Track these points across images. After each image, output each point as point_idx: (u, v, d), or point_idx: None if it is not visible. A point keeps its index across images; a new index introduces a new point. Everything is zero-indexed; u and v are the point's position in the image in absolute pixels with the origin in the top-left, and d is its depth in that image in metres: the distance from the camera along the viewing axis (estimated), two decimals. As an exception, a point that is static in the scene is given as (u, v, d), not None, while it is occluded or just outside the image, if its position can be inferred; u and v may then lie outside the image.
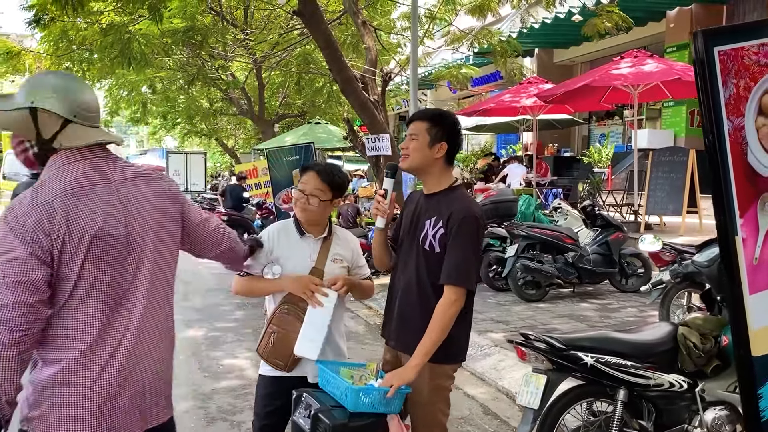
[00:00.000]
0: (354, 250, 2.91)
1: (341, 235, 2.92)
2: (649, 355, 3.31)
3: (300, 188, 2.76)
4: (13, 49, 11.72)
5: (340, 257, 2.82)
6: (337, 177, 2.79)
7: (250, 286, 2.80)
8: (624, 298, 7.94)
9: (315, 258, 2.78)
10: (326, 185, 2.75)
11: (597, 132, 18.55)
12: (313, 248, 2.80)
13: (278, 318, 2.72)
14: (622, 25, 10.26)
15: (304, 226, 2.81)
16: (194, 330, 6.89)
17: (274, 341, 2.70)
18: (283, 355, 2.69)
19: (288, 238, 2.81)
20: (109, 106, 22.10)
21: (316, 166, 2.82)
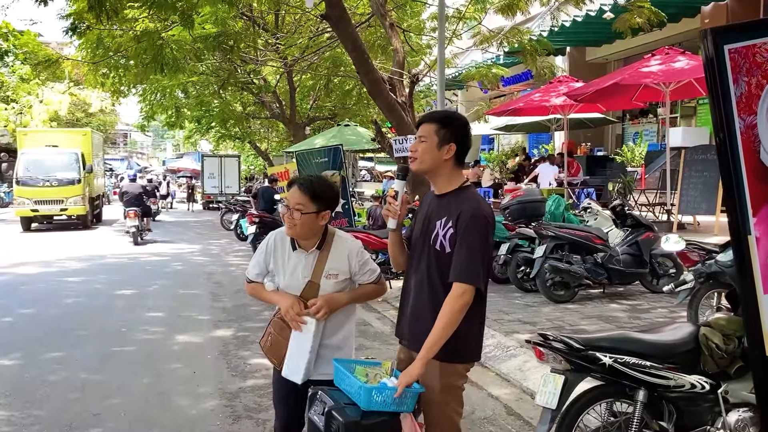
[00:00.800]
0: (351, 258, 2.87)
1: (340, 245, 2.88)
2: (669, 356, 3.27)
3: (284, 203, 2.80)
4: (52, 56, 12.05)
5: (335, 272, 2.83)
6: (318, 189, 2.76)
7: (256, 294, 2.99)
8: (655, 299, 7.82)
9: (309, 273, 2.82)
10: (307, 198, 2.73)
11: (631, 130, 18.28)
12: (306, 263, 2.83)
13: (275, 323, 2.92)
14: (654, 20, 10.10)
15: (296, 240, 2.84)
16: (223, 330, 7.01)
17: (271, 342, 2.90)
18: (276, 355, 2.87)
19: (283, 249, 2.87)
20: (145, 110, 22.58)
21: (298, 180, 2.82)
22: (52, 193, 18.74)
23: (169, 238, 17.26)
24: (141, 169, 60.63)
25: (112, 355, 6.09)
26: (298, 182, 2.79)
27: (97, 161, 22.60)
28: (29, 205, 18.71)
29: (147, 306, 8.33)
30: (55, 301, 8.60)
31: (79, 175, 19.23)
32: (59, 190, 18.80)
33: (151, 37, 10.03)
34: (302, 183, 2.77)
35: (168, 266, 12.11)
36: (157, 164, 68.90)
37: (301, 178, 2.86)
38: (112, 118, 43.07)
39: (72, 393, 4.99)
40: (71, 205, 18.91)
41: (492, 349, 6.02)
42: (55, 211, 19.01)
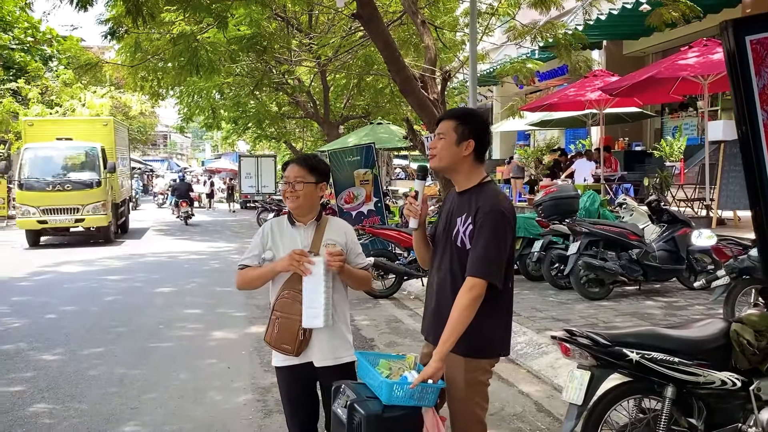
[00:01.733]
0: (348, 236, 2.98)
1: (334, 222, 3.02)
2: (699, 352, 3.22)
3: (284, 180, 2.90)
4: (92, 60, 12.36)
5: (333, 242, 2.91)
6: (315, 162, 2.93)
7: (246, 277, 2.93)
8: (692, 296, 7.68)
9: (308, 243, 2.88)
10: (306, 170, 2.87)
11: (670, 124, 17.91)
12: (305, 235, 2.92)
13: (280, 304, 2.86)
14: (690, 15, 9.89)
15: (296, 216, 2.93)
16: (257, 326, 7.12)
17: (278, 327, 2.84)
18: (289, 339, 2.82)
19: (280, 230, 2.95)
20: (183, 112, 23.01)
21: (294, 159, 2.97)
22: (64, 199, 15.14)
23: (207, 237, 17.58)
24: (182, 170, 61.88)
25: (149, 350, 6.25)
26: (293, 160, 2.95)
27: (121, 158, 19.10)
28: (35, 215, 15.07)
29: (184, 303, 8.52)
30: (96, 298, 8.86)
31: (98, 175, 15.63)
32: (73, 195, 15.18)
33: (187, 39, 10.21)
34: (298, 159, 2.96)
35: (206, 264, 12.34)
36: (197, 165, 70.09)
37: (296, 157, 3.01)
38: (152, 120, 43.96)
39: (111, 387, 5.15)
40: (89, 213, 15.31)
41: (524, 347, 6.00)
42: (69, 222, 15.40)
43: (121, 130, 19.68)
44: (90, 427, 4.34)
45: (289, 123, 26.60)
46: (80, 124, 18.51)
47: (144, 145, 48.66)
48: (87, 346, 6.39)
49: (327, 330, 2.83)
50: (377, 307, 7.98)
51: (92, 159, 15.94)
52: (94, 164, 15.82)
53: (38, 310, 8.04)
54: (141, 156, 59.73)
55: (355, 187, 11.26)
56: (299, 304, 2.78)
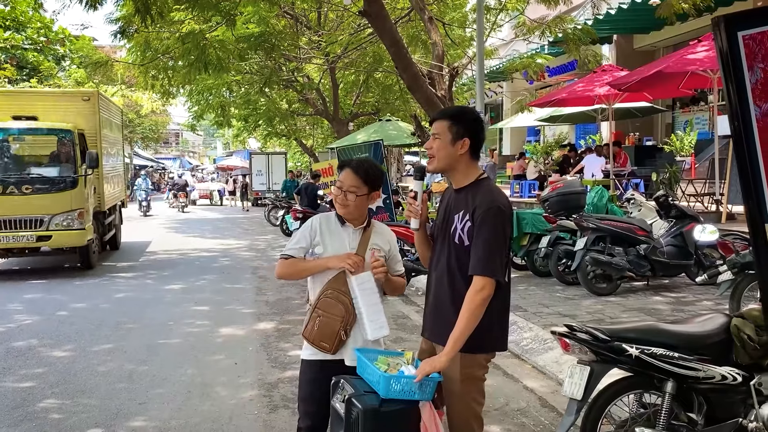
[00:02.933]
0: (391, 243, 3.03)
1: (380, 228, 3.05)
2: (699, 347, 3.23)
3: (338, 185, 2.91)
4: (102, 58, 12.45)
5: (379, 247, 2.95)
6: (371, 172, 2.92)
7: (294, 267, 2.94)
8: (700, 291, 7.64)
9: (355, 246, 2.92)
10: (361, 180, 2.88)
11: (681, 119, 17.77)
12: (353, 237, 2.95)
13: (323, 302, 2.87)
14: (701, 5, 9.81)
15: (348, 219, 2.96)
16: (265, 323, 7.19)
17: (319, 325, 2.86)
18: (329, 338, 2.84)
19: (329, 227, 2.98)
20: (194, 110, 23.13)
21: (351, 163, 2.95)
22: (20, 207, 10.41)
23: (218, 234, 17.69)
24: (193, 168, 62.18)
25: (158, 347, 6.32)
26: (350, 165, 2.93)
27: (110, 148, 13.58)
28: None
29: (193, 300, 8.60)
30: (107, 295, 8.96)
31: (73, 172, 10.81)
32: (35, 201, 10.47)
33: (195, 37, 10.29)
34: (355, 166, 2.92)
35: (216, 261, 12.43)
36: (209, 162, 70.47)
37: (352, 161, 2.98)
38: (164, 118, 44.24)
39: (119, 383, 5.22)
40: (58, 228, 10.53)
41: (529, 342, 6.01)
42: (27, 241, 10.53)
43: (110, 110, 14.01)
44: (98, 422, 4.41)
45: (299, 120, 26.65)
46: (51, 99, 12.60)
47: (156, 143, 48.94)
48: (97, 342, 6.47)
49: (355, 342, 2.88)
50: (385, 303, 7.90)
51: (65, 148, 11.00)
52: (68, 156, 10.94)
53: (50, 308, 8.14)
54: (153, 154, 60.20)
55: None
56: (342, 305, 2.84)
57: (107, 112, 13.47)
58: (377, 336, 2.83)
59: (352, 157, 11.29)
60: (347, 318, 2.83)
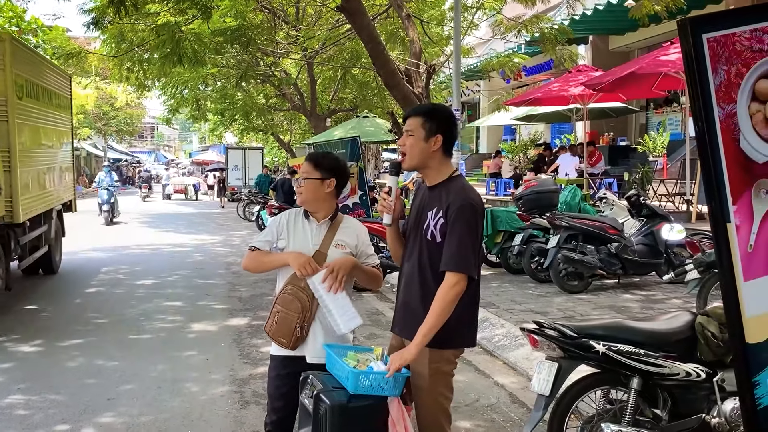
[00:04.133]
0: (360, 238, 3.01)
1: (348, 223, 3.04)
2: (665, 344, 3.29)
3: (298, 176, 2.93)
4: (75, 49, 12.26)
5: (344, 243, 2.94)
6: (320, 158, 2.97)
7: (257, 260, 2.96)
8: (669, 290, 7.77)
9: (318, 242, 2.91)
10: (312, 166, 2.91)
11: (655, 120, 18.03)
12: (317, 232, 2.95)
13: (282, 299, 2.89)
14: (674, 8, 9.94)
15: (309, 210, 2.97)
16: (238, 319, 7.15)
17: (277, 320, 2.88)
18: (286, 334, 2.85)
19: (296, 222, 2.99)
20: (169, 104, 22.85)
21: (309, 155, 3.02)
22: None
23: (192, 230, 17.53)
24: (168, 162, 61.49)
25: (129, 342, 6.25)
26: (307, 156, 3.03)
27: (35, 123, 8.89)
28: None
29: (165, 295, 8.52)
30: (78, 290, 8.84)
31: None
32: None
33: (170, 29, 10.16)
34: (308, 155, 3.04)
35: (189, 257, 12.32)
36: (184, 157, 69.76)
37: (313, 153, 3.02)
38: (139, 111, 43.66)
39: (88, 378, 5.16)
40: None
41: (501, 338, 6.06)
42: None
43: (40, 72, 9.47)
44: (65, 418, 4.35)
45: (276, 115, 26.49)
46: None
47: (131, 136, 48.31)
48: (67, 337, 6.38)
49: (326, 328, 2.87)
50: (359, 299, 8.01)
51: None
52: None
53: (19, 302, 8.00)
54: (128, 147, 59.45)
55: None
56: (299, 301, 2.83)
57: (34, 74, 9.02)
58: (351, 327, 2.82)
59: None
60: (304, 314, 2.83)
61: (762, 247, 2.30)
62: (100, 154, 46.89)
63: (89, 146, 43.76)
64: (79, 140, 38.01)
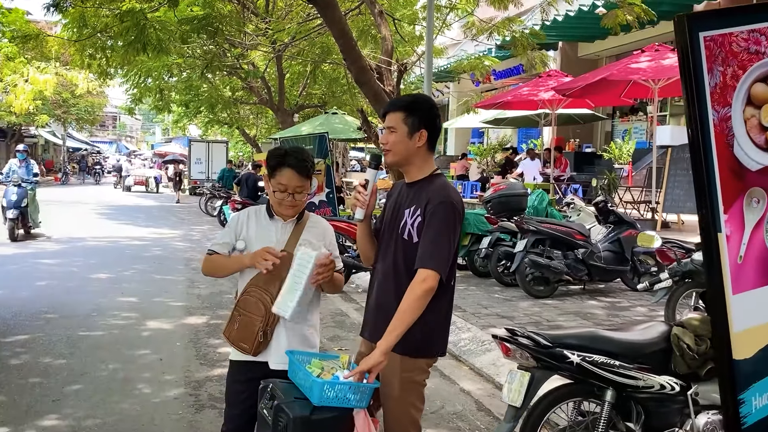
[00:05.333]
0: (327, 238, 2.83)
1: (314, 222, 2.84)
2: (639, 356, 3.18)
3: (280, 189, 2.63)
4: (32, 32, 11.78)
5: (309, 243, 2.74)
6: (310, 165, 2.69)
7: (215, 265, 2.76)
8: (635, 297, 7.76)
9: (284, 242, 2.71)
10: (306, 179, 2.67)
11: (620, 128, 18.25)
12: (282, 231, 2.74)
13: (243, 301, 2.69)
14: (644, 18, 9.98)
15: (275, 210, 2.74)
16: (195, 317, 6.88)
17: (239, 324, 2.67)
18: (247, 339, 2.65)
19: (257, 221, 2.77)
20: (133, 93, 22.24)
21: (289, 161, 2.63)
22: None
23: (151, 223, 17.08)
24: (130, 153, 60.14)
25: (79, 339, 5.94)
26: (290, 165, 2.61)
27: None
28: None
29: (120, 290, 8.19)
30: (27, 282, 8.43)
31: None
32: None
33: (135, 16, 9.80)
34: (297, 165, 2.62)
35: (147, 251, 11.95)
36: (146, 148, 68.38)
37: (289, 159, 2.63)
38: (101, 100, 42.53)
39: (33, 377, 4.85)
40: None
41: (467, 343, 5.94)
42: None
43: None
44: (5, 420, 4.06)
45: (242, 108, 26.06)
46: None
47: (92, 125, 47.03)
48: (12, 332, 6.03)
49: (290, 333, 2.68)
50: (323, 299, 7.72)
51: None
52: None
53: (-37, 294, 7.61)
54: (88, 137, 57.94)
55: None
56: (263, 304, 2.63)
57: None
58: (277, 311, 2.57)
59: (295, 148, 11.03)
60: (267, 318, 2.63)
61: (752, 259, 2.20)
62: (59, 142, 45.61)
63: (47, 134, 42.53)
64: (37, 127, 36.94)
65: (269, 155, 2.72)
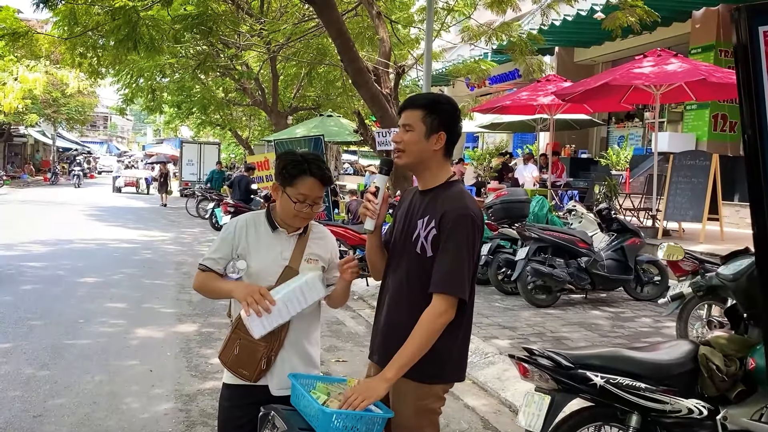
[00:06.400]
0: (333, 251, 2.60)
1: (319, 232, 2.60)
2: (665, 377, 2.97)
3: (299, 198, 2.38)
4: (21, 29, 11.48)
5: (316, 257, 2.51)
6: (331, 176, 2.48)
7: (205, 284, 2.50)
8: (639, 307, 7.57)
9: (288, 256, 2.47)
10: (324, 189, 2.45)
11: (616, 134, 18.11)
12: (286, 245, 2.49)
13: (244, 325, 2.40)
14: (647, 19, 9.81)
15: (279, 220, 2.49)
16: (186, 325, 6.62)
17: (239, 349, 2.40)
18: (248, 365, 2.39)
19: (257, 231, 2.49)
20: (124, 94, 21.92)
21: (312, 169, 2.38)
22: None
23: (141, 225, 16.76)
24: (121, 153, 59.63)
25: (64, 348, 5.67)
26: (317, 175, 2.38)
27: None
28: None
29: (108, 295, 7.91)
30: (11, 287, 8.12)
31: None
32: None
33: (127, 13, 9.54)
34: (320, 175, 2.40)
35: (137, 254, 11.66)
36: (137, 149, 67.86)
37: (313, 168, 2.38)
38: (92, 99, 42.09)
39: (13, 390, 4.58)
40: None
41: (470, 355, 5.68)
42: None
43: None
44: (-18, 438, 3.81)
45: (235, 110, 25.77)
46: None
47: (82, 125, 46.54)
48: (-7, 340, 5.76)
49: (292, 352, 2.45)
50: (317, 307, 7.57)
51: None
52: None
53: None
54: (79, 137, 57.38)
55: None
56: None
57: None
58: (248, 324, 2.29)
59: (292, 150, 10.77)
60: (272, 344, 2.38)
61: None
62: (49, 142, 45.12)
63: (37, 133, 42.05)
64: (26, 126, 36.48)
65: (284, 162, 2.43)
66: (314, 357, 2.56)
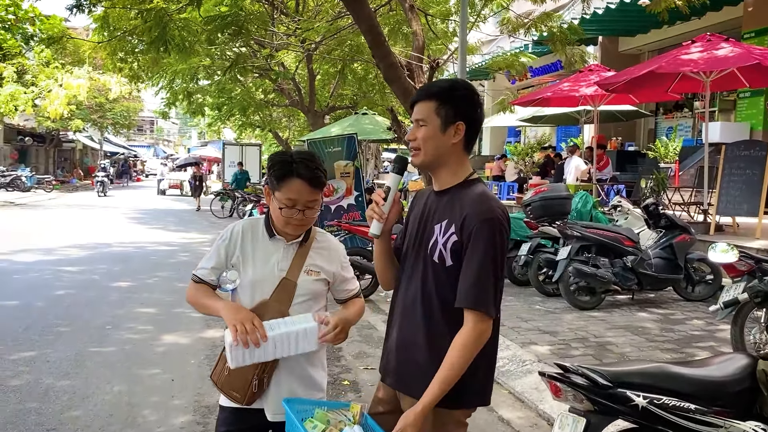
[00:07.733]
0: (339, 261, 2.35)
1: (324, 242, 2.35)
2: (718, 397, 2.62)
3: (287, 204, 2.16)
4: (56, 33, 11.59)
5: (317, 269, 2.27)
6: (322, 173, 2.21)
7: (196, 298, 2.29)
8: (690, 308, 7.12)
9: (286, 267, 2.23)
10: (318, 191, 2.21)
11: (664, 125, 17.40)
12: (284, 254, 2.25)
13: None
14: (695, 1, 9.25)
15: (278, 228, 2.25)
16: (214, 330, 6.45)
17: (230, 370, 2.18)
18: (240, 387, 2.19)
19: (254, 239, 2.27)
20: (166, 97, 22.14)
21: (298, 170, 2.16)
22: None
23: (181, 227, 16.86)
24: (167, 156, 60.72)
25: (88, 356, 5.55)
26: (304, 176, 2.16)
27: None
28: None
29: (140, 300, 7.84)
30: (45, 292, 8.12)
31: None
32: None
33: (157, 14, 9.50)
34: (309, 176, 2.17)
35: (173, 257, 11.65)
36: (183, 152, 69.04)
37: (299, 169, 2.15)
38: (137, 104, 42.92)
39: (30, 401, 4.46)
40: None
41: (506, 363, 5.39)
42: None
43: None
44: (-8, 454, 3.69)
45: (274, 111, 25.81)
46: None
47: (128, 129, 47.52)
48: (18, 349, 5.67)
49: (290, 373, 2.22)
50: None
51: None
52: None
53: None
54: (126, 141, 58.66)
55: (335, 180, 10.59)
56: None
57: None
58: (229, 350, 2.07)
59: (324, 150, 10.60)
60: (264, 365, 2.16)
61: None
62: (97, 146, 46.23)
63: (85, 138, 43.12)
64: (74, 132, 37.39)
65: (271, 162, 2.22)
66: (317, 379, 2.31)
